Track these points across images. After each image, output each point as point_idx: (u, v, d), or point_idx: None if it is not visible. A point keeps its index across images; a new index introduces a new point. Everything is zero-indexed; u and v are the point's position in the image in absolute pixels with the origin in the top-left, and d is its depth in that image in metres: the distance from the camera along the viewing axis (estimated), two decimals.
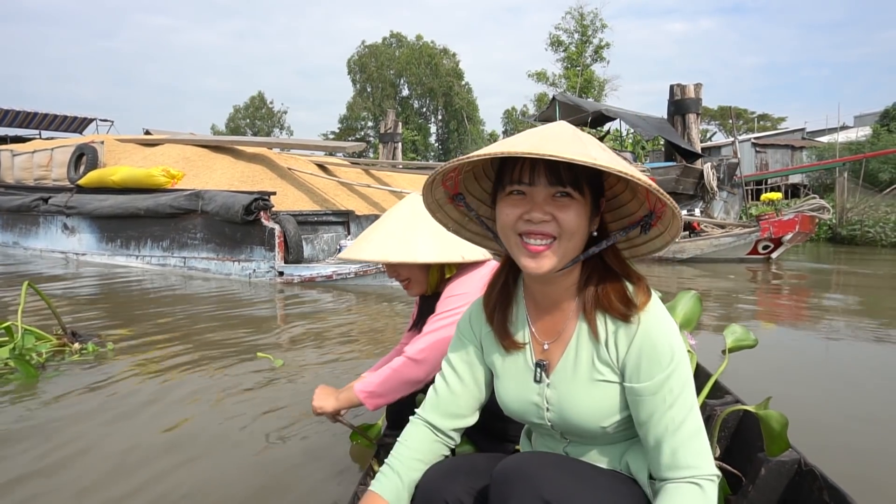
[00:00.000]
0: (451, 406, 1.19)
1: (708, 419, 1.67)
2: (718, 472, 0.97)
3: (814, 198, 10.18)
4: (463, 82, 45.73)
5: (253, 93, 52.73)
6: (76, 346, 3.45)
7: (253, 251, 6.91)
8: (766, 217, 9.68)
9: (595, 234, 1.04)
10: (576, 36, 33.31)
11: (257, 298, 5.77)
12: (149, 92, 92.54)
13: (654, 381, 0.98)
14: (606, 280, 1.04)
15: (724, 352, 1.76)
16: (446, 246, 1.61)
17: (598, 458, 1.10)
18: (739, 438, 1.63)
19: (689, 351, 1.82)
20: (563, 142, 0.93)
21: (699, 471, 0.95)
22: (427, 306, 1.82)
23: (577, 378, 1.05)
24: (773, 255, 9.53)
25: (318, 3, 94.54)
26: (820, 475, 1.27)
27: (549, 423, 1.10)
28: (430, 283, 1.74)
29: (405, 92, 46.95)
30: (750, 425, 1.59)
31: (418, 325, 1.88)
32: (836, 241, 14.19)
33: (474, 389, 1.19)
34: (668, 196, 0.94)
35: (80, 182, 8.85)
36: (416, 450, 1.18)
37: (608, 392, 1.03)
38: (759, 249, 9.52)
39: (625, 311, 1.00)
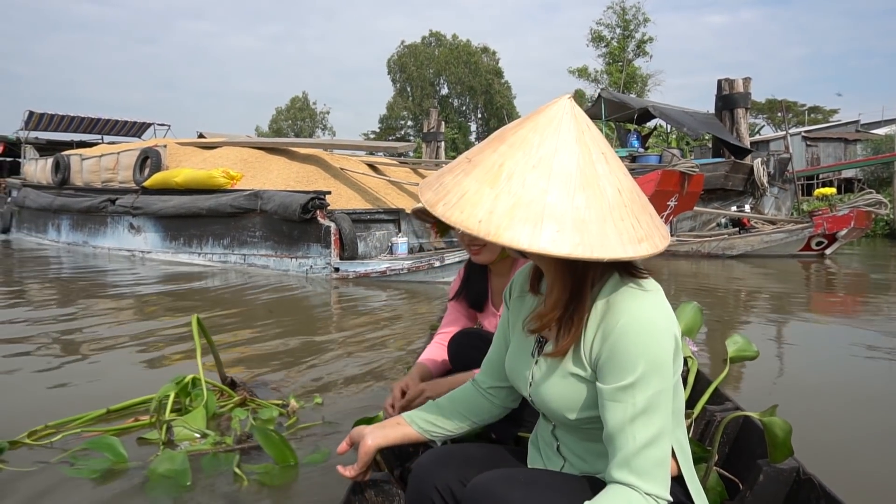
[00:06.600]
0: (493, 366, 1.25)
1: (708, 425, 1.69)
2: (670, 500, 0.93)
3: (870, 192, 9.92)
4: (503, 80, 45.68)
5: (292, 94, 53.80)
6: (293, 403, 2.51)
7: (310, 248, 7.20)
8: (820, 212, 9.49)
9: None
10: (617, 31, 32.90)
11: (373, 302, 6.02)
12: (193, 95, 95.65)
13: (614, 385, 0.95)
14: (596, 282, 1.01)
15: (724, 360, 1.78)
16: None
17: (583, 449, 1.09)
18: (739, 445, 1.62)
19: (689, 357, 1.86)
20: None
21: (652, 494, 0.91)
22: (476, 274, 1.87)
23: (556, 366, 1.06)
24: (827, 252, 9.35)
25: (353, 5, 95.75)
26: (818, 484, 1.23)
27: (531, 399, 1.12)
28: (501, 252, 1.73)
29: (444, 91, 47.17)
30: (750, 432, 1.57)
31: (464, 293, 1.94)
32: (893, 238, 13.73)
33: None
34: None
35: (146, 184, 9.32)
36: (458, 400, 1.26)
37: (578, 388, 1.02)
38: (813, 246, 9.34)
39: (575, 334, 1.01)
